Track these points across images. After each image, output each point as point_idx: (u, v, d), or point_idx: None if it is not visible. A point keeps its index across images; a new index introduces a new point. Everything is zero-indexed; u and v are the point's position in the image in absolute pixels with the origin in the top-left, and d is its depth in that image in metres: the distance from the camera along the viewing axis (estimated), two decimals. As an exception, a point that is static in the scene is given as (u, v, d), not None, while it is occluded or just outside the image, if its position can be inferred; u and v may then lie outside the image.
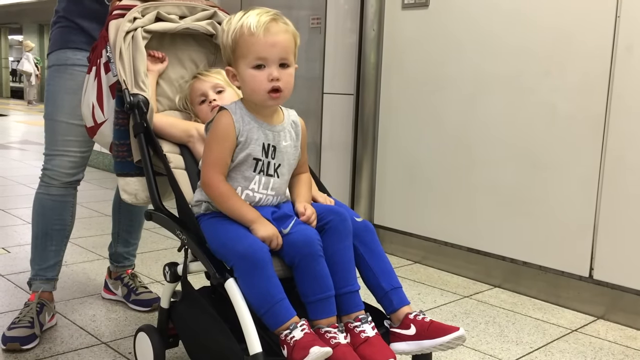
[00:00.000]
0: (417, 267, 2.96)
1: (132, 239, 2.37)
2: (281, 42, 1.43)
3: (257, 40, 1.41)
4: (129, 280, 2.33)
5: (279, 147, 1.51)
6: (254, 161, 1.48)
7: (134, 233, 2.37)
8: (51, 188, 2.03)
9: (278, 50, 1.42)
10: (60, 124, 2.00)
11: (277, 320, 1.35)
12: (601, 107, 2.35)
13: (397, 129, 3.05)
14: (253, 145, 1.47)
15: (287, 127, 1.54)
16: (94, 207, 3.90)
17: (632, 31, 2.26)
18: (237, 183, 1.49)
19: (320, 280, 1.40)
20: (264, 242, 1.39)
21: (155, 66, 1.79)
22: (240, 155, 1.47)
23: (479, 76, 2.71)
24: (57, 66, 2.01)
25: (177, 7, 1.84)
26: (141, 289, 2.31)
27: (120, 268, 2.36)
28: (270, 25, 1.42)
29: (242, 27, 1.42)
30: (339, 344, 1.34)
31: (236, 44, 1.44)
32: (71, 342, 1.99)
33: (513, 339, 2.17)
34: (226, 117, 1.46)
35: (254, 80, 1.43)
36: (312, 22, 3.42)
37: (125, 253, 2.37)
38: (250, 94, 1.47)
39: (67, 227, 2.10)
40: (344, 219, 1.48)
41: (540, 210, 2.55)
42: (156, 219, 1.64)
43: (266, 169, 1.49)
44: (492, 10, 2.65)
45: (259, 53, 1.42)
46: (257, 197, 1.50)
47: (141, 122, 1.64)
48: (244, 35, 1.42)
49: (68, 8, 2.01)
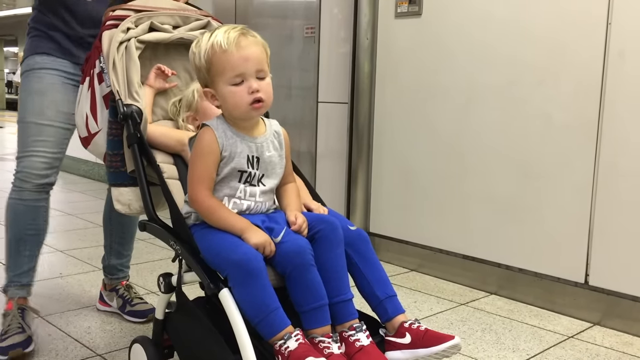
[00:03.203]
0: (413, 275, 2.96)
1: (125, 250, 2.36)
2: (254, 54, 1.45)
3: (231, 56, 1.43)
4: (124, 292, 2.32)
5: (262, 157, 1.52)
6: (239, 173, 1.49)
7: (126, 244, 2.35)
8: (24, 192, 2.00)
9: (253, 63, 1.44)
10: (29, 125, 2.00)
11: (271, 330, 1.34)
12: (594, 115, 2.36)
13: (391, 137, 3.06)
14: (237, 158, 1.48)
15: (269, 137, 1.55)
16: (88, 219, 3.88)
17: (624, 37, 2.27)
18: (222, 193, 1.50)
19: (312, 289, 1.40)
20: (257, 249, 1.39)
21: (157, 83, 1.79)
22: (225, 169, 1.48)
23: (472, 84, 2.72)
24: (27, 72, 2.04)
25: (171, 17, 1.84)
26: (136, 300, 2.30)
27: (114, 280, 2.35)
28: (240, 40, 1.44)
29: (212, 46, 1.44)
30: (332, 354, 1.34)
31: (210, 64, 1.45)
32: (66, 355, 1.98)
33: (509, 346, 2.17)
34: (209, 133, 1.48)
35: (235, 96, 1.45)
36: (306, 32, 3.43)
37: (119, 265, 2.35)
38: (233, 110, 1.48)
39: (40, 232, 2.08)
40: (335, 228, 1.48)
41: (535, 217, 2.55)
42: (150, 229, 1.64)
43: (251, 180, 1.50)
44: (485, 19, 2.67)
45: (235, 69, 1.44)
46: (244, 204, 1.50)
47: (135, 133, 1.64)
48: (217, 54, 1.44)
49: (37, 18, 2.07)
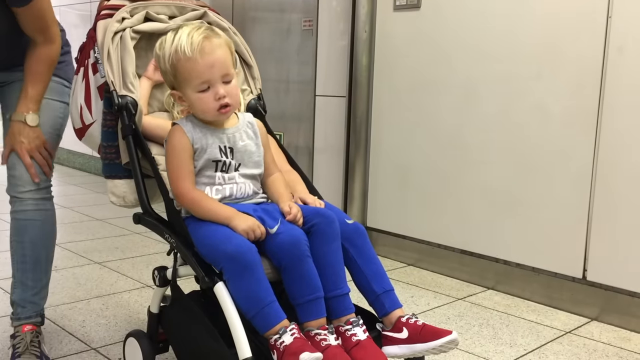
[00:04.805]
0: (411, 270, 2.95)
1: (30, 280, 1.84)
2: (219, 59, 1.44)
3: (196, 64, 1.43)
4: (19, 341, 1.78)
5: (236, 147, 1.52)
6: (213, 163, 1.49)
7: (29, 272, 1.84)
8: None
9: (218, 69, 1.44)
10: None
11: (266, 324, 1.33)
12: (593, 108, 2.35)
13: (389, 131, 3.04)
14: (210, 149, 1.49)
15: (242, 127, 1.56)
16: (84, 212, 3.87)
17: (624, 32, 2.26)
18: (203, 185, 1.49)
19: (308, 281, 1.38)
20: (246, 235, 1.38)
21: (155, 75, 1.77)
22: (199, 161, 1.48)
23: (471, 78, 2.71)
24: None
25: (167, 7, 1.82)
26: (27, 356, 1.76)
27: (15, 320, 1.84)
28: (204, 45, 1.43)
29: (177, 52, 1.43)
30: (330, 345, 1.33)
31: (176, 70, 1.45)
32: (60, 349, 1.97)
33: (507, 341, 2.16)
34: (178, 130, 1.49)
35: (202, 102, 1.46)
36: (304, 25, 3.41)
37: (20, 300, 1.84)
38: (201, 114, 1.50)
39: None
40: (331, 221, 1.46)
41: (533, 211, 2.54)
42: (144, 222, 1.62)
43: (227, 168, 1.50)
44: (485, 13, 2.64)
45: (201, 77, 1.44)
46: (227, 189, 1.50)
47: (129, 124, 1.62)
48: (181, 61, 1.43)
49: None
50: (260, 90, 1.92)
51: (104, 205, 3.98)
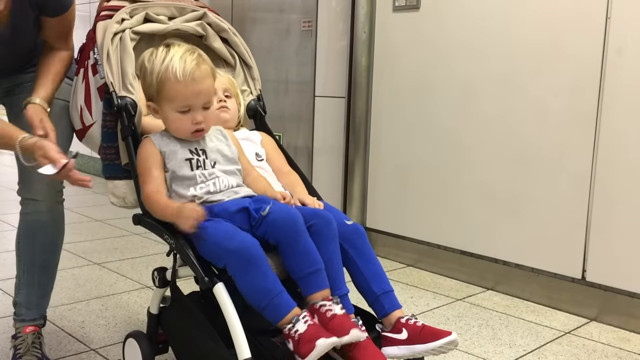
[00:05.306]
0: (410, 270, 2.95)
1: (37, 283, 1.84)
2: (205, 88, 1.49)
3: (184, 89, 1.46)
4: (21, 342, 1.78)
5: (207, 148, 1.55)
6: (187, 161, 1.51)
7: (37, 275, 1.84)
8: None
9: (203, 97, 1.49)
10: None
11: (278, 314, 1.33)
12: (592, 108, 2.35)
13: (388, 131, 3.04)
14: (181, 150, 1.52)
15: (211, 134, 1.58)
16: (84, 212, 3.87)
17: (622, 33, 2.26)
18: (184, 188, 1.50)
19: (306, 254, 1.39)
20: (198, 220, 1.39)
21: None
22: (172, 162, 1.50)
23: (470, 78, 2.71)
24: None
25: (166, 8, 1.82)
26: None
27: (19, 322, 1.83)
28: (195, 73, 1.46)
29: (167, 71, 1.46)
30: (335, 315, 1.33)
31: (162, 87, 1.47)
32: (59, 349, 1.96)
33: (506, 341, 2.16)
34: (147, 141, 1.54)
35: (179, 123, 1.50)
36: (303, 25, 3.41)
37: (26, 302, 1.83)
38: (173, 131, 1.54)
39: None
40: (329, 222, 1.46)
41: (533, 212, 2.54)
42: (144, 223, 1.62)
43: (203, 165, 1.52)
44: (483, 13, 2.65)
45: (185, 101, 1.47)
46: (210, 184, 1.50)
47: (129, 125, 1.62)
48: (170, 81, 1.46)
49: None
50: (260, 91, 1.92)
51: (103, 206, 3.98)
